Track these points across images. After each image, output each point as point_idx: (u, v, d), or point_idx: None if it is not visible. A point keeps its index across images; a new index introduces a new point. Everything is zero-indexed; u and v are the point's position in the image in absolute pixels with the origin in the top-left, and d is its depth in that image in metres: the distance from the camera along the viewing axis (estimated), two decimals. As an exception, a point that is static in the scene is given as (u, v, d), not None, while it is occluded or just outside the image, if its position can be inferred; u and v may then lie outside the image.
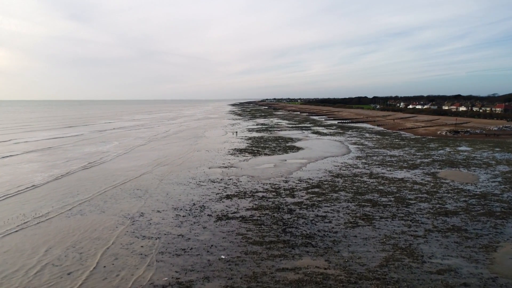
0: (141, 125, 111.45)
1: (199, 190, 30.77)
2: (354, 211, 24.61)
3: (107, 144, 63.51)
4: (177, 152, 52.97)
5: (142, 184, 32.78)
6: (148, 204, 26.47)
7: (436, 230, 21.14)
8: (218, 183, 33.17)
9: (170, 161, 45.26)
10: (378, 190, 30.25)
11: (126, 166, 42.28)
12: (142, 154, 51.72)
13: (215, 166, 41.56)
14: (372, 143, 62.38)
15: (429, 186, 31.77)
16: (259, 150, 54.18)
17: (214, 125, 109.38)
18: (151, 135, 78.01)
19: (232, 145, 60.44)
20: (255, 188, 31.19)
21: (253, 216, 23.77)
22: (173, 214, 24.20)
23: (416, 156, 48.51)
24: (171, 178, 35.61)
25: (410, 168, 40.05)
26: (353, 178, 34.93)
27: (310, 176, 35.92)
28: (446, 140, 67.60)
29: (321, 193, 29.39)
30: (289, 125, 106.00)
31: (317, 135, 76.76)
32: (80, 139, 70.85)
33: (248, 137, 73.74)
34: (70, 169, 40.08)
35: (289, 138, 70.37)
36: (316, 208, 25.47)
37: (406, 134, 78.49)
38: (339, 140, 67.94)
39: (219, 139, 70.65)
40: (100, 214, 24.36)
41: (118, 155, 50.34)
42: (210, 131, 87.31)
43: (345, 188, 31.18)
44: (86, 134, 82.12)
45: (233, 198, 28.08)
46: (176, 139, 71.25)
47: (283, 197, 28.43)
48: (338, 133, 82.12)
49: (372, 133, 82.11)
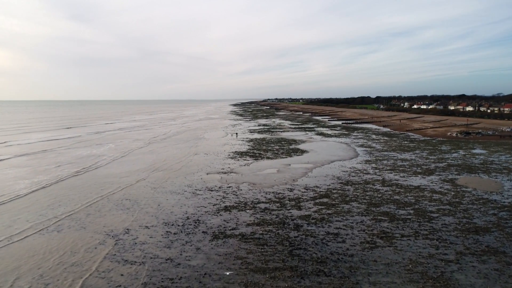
0: (141, 126, 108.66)
1: (195, 200, 27.76)
2: (370, 227, 21.52)
3: (103, 146, 60.67)
4: (175, 156, 50.02)
5: (133, 194, 29.80)
6: (137, 218, 23.49)
7: (470, 252, 18.03)
8: (216, 192, 30.16)
9: (167, 166, 42.30)
10: (394, 201, 27.13)
11: (120, 171, 39.35)
12: (139, 158, 48.81)
13: (213, 172, 38.54)
14: (380, 146, 59.19)
15: (450, 195, 28.62)
16: (261, 154, 51.14)
17: (215, 126, 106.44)
18: (149, 137, 75.13)
19: (233, 148, 57.43)
20: (257, 198, 28.16)
21: (254, 233, 20.74)
22: (163, 231, 21.19)
23: (429, 160, 45.31)
24: (165, 186, 32.63)
25: (425, 174, 36.89)
26: (365, 186, 31.82)
27: (317, 184, 32.85)
28: (457, 142, 64.30)
29: (330, 204, 26.32)
30: (292, 126, 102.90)
31: (321, 137, 73.62)
32: (76, 141, 68.07)
33: (249, 138, 70.71)
34: (59, 176, 37.18)
35: (292, 140, 67.28)
36: (326, 223, 22.40)
37: (414, 136, 75.20)
38: (345, 142, 64.78)
39: (219, 141, 67.67)
40: (80, 231, 21.38)
41: (113, 159, 47.44)
42: (210, 133, 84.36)
43: (357, 198, 28.08)
44: (84, 135, 79.36)
45: (232, 211, 25.06)
46: (175, 141, 68.33)
47: (288, 209, 25.39)
48: (343, 134, 78.94)
49: (378, 134, 78.87)
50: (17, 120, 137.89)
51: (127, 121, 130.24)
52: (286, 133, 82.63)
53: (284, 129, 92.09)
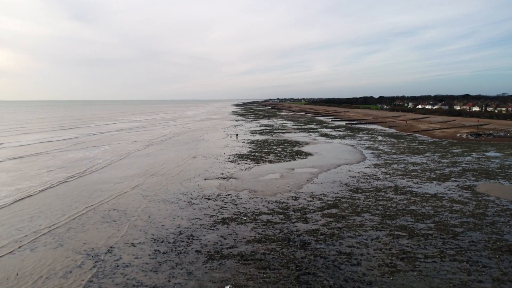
0: (141, 126, 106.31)
1: (190, 210, 25.16)
2: (388, 245, 18.84)
3: (100, 149, 58.22)
4: (172, 159, 47.46)
5: (122, 203, 27.22)
6: (123, 233, 20.91)
7: (509, 279, 15.33)
8: (214, 201, 27.55)
9: (164, 171, 39.76)
10: (411, 212, 24.43)
11: (114, 177, 36.83)
12: (135, 161, 46.29)
13: (211, 177, 35.93)
14: (387, 148, 56.41)
15: (471, 205, 25.88)
16: (263, 157, 48.49)
17: (216, 126, 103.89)
18: (148, 139, 72.66)
19: (233, 150, 54.82)
20: (258, 208, 25.53)
21: (255, 253, 18.11)
22: (151, 250, 18.60)
23: (442, 164, 42.52)
24: (159, 193, 30.05)
25: (440, 180, 34.13)
26: (376, 194, 29.11)
27: (324, 191, 30.18)
28: (468, 144, 61.40)
29: (340, 216, 23.64)
30: (294, 127, 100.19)
31: (325, 138, 70.88)
32: (72, 143, 65.68)
33: (250, 140, 68.07)
34: (48, 182, 34.67)
35: (295, 142, 64.59)
36: (337, 239, 19.74)
37: (422, 137, 72.31)
38: (351, 144, 62.02)
39: (220, 142, 65.07)
40: (56, 249, 18.82)
41: (109, 163, 44.93)
42: (211, 134, 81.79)
43: (369, 208, 25.40)
44: (81, 137, 77.02)
45: (230, 224, 22.45)
46: (174, 143, 65.80)
47: (293, 221, 22.75)
48: (348, 135, 76.15)
49: (385, 135, 76.05)
50: (16, 121, 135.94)
51: (127, 122, 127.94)
52: (288, 134, 79.94)
53: (287, 130, 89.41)
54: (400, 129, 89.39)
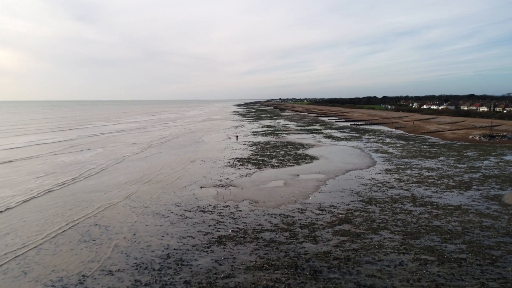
0: (141, 127, 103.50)
1: (182, 226, 22.08)
2: (416, 275, 15.67)
3: (95, 151, 55.32)
4: (169, 164, 44.43)
5: (107, 218, 24.17)
6: (101, 257, 17.84)
7: None
8: (210, 214, 24.46)
9: (158, 177, 36.74)
10: (435, 229, 21.23)
11: (105, 185, 33.83)
12: (130, 166, 43.25)
13: (209, 185, 32.84)
14: (397, 151, 53.11)
15: (504, 220, 22.64)
16: (265, 161, 45.35)
17: (216, 127, 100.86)
18: (147, 141, 69.72)
19: (233, 153, 51.73)
20: (260, 224, 22.42)
21: (256, 285, 15.00)
22: (130, 280, 15.52)
23: (459, 169, 39.22)
24: (150, 204, 27.00)
25: (461, 188, 30.88)
26: (392, 206, 25.92)
27: (334, 202, 27.02)
28: (483, 146, 58.00)
29: (354, 234, 20.49)
30: (297, 128, 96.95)
31: (330, 140, 67.63)
32: (68, 145, 62.81)
33: (252, 142, 64.95)
34: (32, 192, 31.58)
35: (299, 144, 61.40)
36: (353, 265, 16.60)
37: (432, 139, 68.91)
38: (358, 146, 58.75)
39: (219, 145, 62.00)
40: (17, 279, 15.74)
41: (103, 168, 41.86)
42: (211, 135, 78.75)
43: (386, 223, 22.22)
44: (78, 138, 74.18)
45: (227, 244, 19.35)
46: (172, 145, 62.82)
47: (300, 241, 19.62)
48: (354, 137, 72.85)
49: (392, 137, 72.70)
50: (14, 121, 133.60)
51: (127, 122, 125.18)
52: (292, 136, 76.75)
53: (290, 132, 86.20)
54: (408, 130, 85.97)
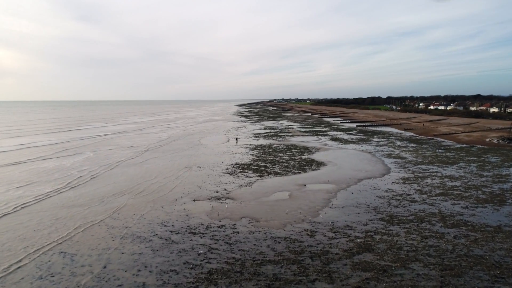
0: (139, 129, 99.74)
1: (164, 256, 18.00)
2: None
3: (86, 156, 51.50)
4: (163, 171, 40.46)
5: (78, 243, 20.10)
6: (55, 303, 13.80)
7: None
8: (201, 237, 20.39)
9: (149, 188, 32.75)
10: (479, 260, 17.03)
11: (87, 197, 29.87)
12: (122, 174, 39.27)
13: (203, 197, 28.78)
14: (411, 156, 48.82)
15: (561, 248, 18.39)
16: (267, 167, 41.27)
17: (217, 129, 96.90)
18: (143, 144, 65.86)
19: (233, 158, 47.70)
20: (261, 252, 18.32)
21: None
22: None
23: (486, 178, 34.93)
24: (131, 224, 22.97)
25: (494, 202, 26.63)
26: (419, 227, 21.73)
27: (348, 221, 22.89)
28: (503, 150, 53.57)
29: (379, 269, 16.34)
30: (301, 129, 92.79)
31: (337, 143, 63.41)
32: (60, 149, 59.01)
33: (253, 145, 60.88)
34: (3, 207, 27.79)
35: (304, 148, 57.25)
36: (383, 321, 12.45)
37: (446, 142, 64.49)
38: (368, 150, 54.50)
39: (218, 148, 57.99)
40: None
41: (92, 176, 37.75)
42: (210, 138, 74.76)
43: (417, 252, 18.04)
44: (72, 141, 70.42)
45: (219, 283, 15.27)
46: (169, 149, 58.88)
47: (312, 278, 15.50)
48: (362, 140, 68.57)
49: (403, 140, 68.35)
50: (12, 122, 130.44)
51: (126, 123, 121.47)
52: (296, 138, 72.60)
53: (293, 133, 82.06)
54: (418, 132, 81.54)
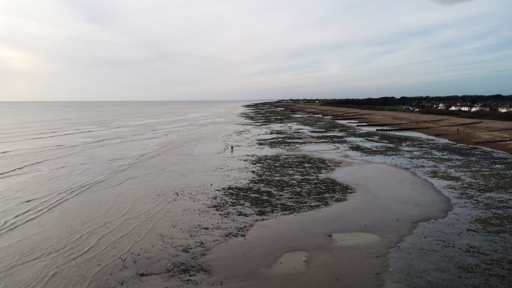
0: (131, 134, 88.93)
1: None
2: None
3: (34, 173, 40.43)
4: (125, 203, 28.96)
5: None
6: None
7: None
8: None
9: (94, 241, 21.24)
10: None
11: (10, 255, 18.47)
12: (76, 208, 28.07)
13: (158, 269, 16.94)
14: (466, 176, 36.29)
15: None
16: (272, 194, 29.33)
17: (216, 134, 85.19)
18: (124, 156, 54.75)
19: (227, 177, 35.92)
20: None
21: None
22: None
23: None
24: None
25: None
26: None
27: None
28: None
29: None
30: (314, 135, 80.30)
31: (360, 154, 51.04)
32: (12, 161, 48.52)
33: (256, 157, 48.94)
34: None
35: (320, 161, 45.07)
36: None
37: (498, 153, 51.54)
38: (403, 165, 42.02)
39: (211, 161, 46.20)
40: None
41: (40, 210, 26.96)
42: (205, 146, 63.06)
43: None
44: (42, 151, 60.07)
45: None
46: (152, 164, 47.49)
47: None
48: (390, 149, 56.00)
49: (440, 149, 55.59)
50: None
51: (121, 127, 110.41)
52: (308, 146, 60.36)
53: (305, 140, 69.72)
54: (454, 138, 68.50)
